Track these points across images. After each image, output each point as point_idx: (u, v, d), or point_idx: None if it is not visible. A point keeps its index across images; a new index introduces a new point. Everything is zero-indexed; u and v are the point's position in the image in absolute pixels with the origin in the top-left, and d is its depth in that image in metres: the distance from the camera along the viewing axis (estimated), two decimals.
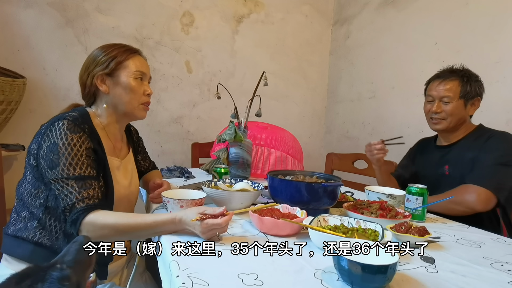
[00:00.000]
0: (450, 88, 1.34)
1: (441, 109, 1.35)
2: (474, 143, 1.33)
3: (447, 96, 1.34)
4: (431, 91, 1.40)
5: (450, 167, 1.36)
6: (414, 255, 0.81)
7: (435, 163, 1.42)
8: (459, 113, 1.34)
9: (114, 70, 1.00)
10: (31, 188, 0.94)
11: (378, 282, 0.61)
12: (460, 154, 1.34)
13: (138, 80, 1.03)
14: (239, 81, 2.60)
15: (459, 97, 1.33)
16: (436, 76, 1.41)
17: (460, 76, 1.34)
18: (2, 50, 1.97)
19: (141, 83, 1.04)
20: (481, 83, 1.36)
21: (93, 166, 0.91)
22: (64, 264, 0.54)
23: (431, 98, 1.39)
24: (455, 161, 1.35)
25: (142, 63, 1.05)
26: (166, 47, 2.39)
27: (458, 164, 1.33)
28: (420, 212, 1.11)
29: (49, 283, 0.49)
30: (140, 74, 1.03)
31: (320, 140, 3.01)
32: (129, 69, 1.01)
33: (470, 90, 1.32)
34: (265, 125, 1.96)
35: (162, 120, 2.42)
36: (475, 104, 1.36)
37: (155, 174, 1.31)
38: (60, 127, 0.89)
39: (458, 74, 1.35)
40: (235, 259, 0.72)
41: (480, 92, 1.35)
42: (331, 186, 1.05)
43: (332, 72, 2.95)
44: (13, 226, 0.95)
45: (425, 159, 1.49)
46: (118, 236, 0.89)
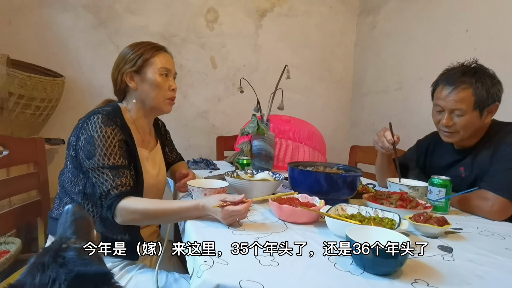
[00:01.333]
0: (463, 99, 1.13)
1: (453, 122, 1.17)
2: (488, 143, 1.19)
3: (459, 109, 1.14)
4: (439, 100, 1.19)
5: (466, 169, 1.24)
6: (432, 245, 0.81)
7: (450, 163, 1.30)
8: (473, 125, 1.16)
9: (141, 67, 1.07)
10: (71, 176, 1.03)
11: (390, 266, 0.63)
12: (476, 158, 1.22)
13: (164, 76, 1.10)
14: (263, 76, 2.63)
15: (473, 109, 1.13)
16: (444, 80, 1.19)
17: (474, 81, 1.12)
18: (43, 51, 2.13)
19: (166, 79, 1.11)
20: (498, 84, 1.15)
21: (125, 156, 0.99)
22: (71, 239, 0.53)
23: (440, 108, 1.20)
24: (471, 164, 1.22)
25: (167, 60, 1.11)
26: (192, 44, 2.46)
27: (474, 167, 1.21)
28: (443, 204, 1.10)
29: (71, 263, 0.46)
30: (165, 71, 1.10)
31: (345, 133, 2.98)
32: (155, 66, 1.08)
33: (487, 97, 1.12)
34: (288, 118, 1.98)
35: (188, 115, 2.51)
36: (492, 110, 1.16)
37: (182, 165, 1.38)
38: (95, 121, 0.97)
39: (470, 79, 1.13)
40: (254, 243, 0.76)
41: (499, 97, 1.15)
42: (350, 177, 1.07)
43: (358, 64, 2.90)
44: (56, 211, 1.06)
45: (438, 156, 1.37)
46: (148, 220, 0.96)
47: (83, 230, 0.57)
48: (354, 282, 0.61)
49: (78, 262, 0.46)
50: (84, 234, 0.57)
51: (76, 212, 0.60)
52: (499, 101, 1.16)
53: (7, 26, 2.06)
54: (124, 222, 0.94)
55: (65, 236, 0.54)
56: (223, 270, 0.63)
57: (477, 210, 1.10)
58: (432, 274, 0.65)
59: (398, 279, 0.63)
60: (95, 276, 0.45)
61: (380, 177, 1.47)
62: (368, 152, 2.11)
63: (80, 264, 0.45)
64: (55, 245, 0.49)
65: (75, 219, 0.58)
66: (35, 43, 2.12)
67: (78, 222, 0.58)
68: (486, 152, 1.18)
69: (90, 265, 0.46)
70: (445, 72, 1.24)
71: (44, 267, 0.44)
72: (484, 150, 1.20)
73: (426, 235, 0.87)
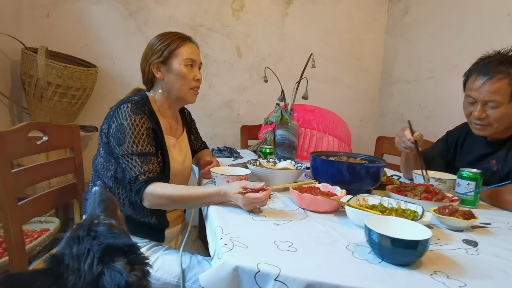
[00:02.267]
0: (498, 90, 1.06)
1: (486, 115, 1.11)
2: None
3: (494, 100, 1.08)
4: (471, 91, 1.13)
5: (498, 163, 1.17)
6: (457, 238, 0.79)
7: (480, 156, 1.24)
8: (509, 118, 1.10)
9: (167, 58, 1.11)
10: (103, 161, 1.10)
11: (409, 256, 0.62)
12: (510, 150, 1.15)
13: (188, 66, 1.12)
14: (288, 65, 2.61)
15: (509, 100, 1.07)
16: (478, 70, 1.13)
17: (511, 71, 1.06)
18: (77, 43, 2.23)
19: (191, 69, 1.13)
20: None
21: (152, 143, 1.04)
22: (100, 216, 0.58)
23: (472, 100, 1.15)
24: (505, 157, 1.16)
25: (192, 50, 1.14)
26: (218, 33, 2.48)
27: (508, 161, 1.14)
28: (472, 198, 1.06)
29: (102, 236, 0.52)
30: (190, 61, 1.12)
31: (372, 123, 2.91)
32: (180, 57, 1.11)
33: None
34: (313, 108, 1.96)
35: (214, 104, 2.55)
36: None
37: (206, 153, 1.42)
38: (125, 110, 1.02)
39: (507, 69, 1.06)
40: (273, 229, 0.78)
41: None
42: (374, 168, 1.05)
43: (388, 52, 2.80)
44: None
45: (469, 148, 1.30)
46: (173, 205, 1.01)
47: (110, 209, 0.63)
48: (371, 271, 0.61)
49: (108, 235, 0.51)
50: (111, 212, 0.62)
51: (102, 193, 0.65)
52: None
53: (45, 19, 2.18)
54: (151, 206, 0.99)
55: (95, 214, 0.60)
56: (242, 253, 0.65)
57: (509, 205, 1.06)
58: (453, 266, 0.64)
59: (417, 270, 0.62)
60: (123, 246, 0.50)
61: (405, 172, 1.43)
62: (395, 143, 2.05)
63: (110, 237, 0.50)
64: (87, 221, 0.55)
65: (102, 199, 0.63)
66: (71, 35, 2.22)
67: (105, 202, 0.63)
68: None
69: (118, 238, 0.51)
70: (479, 60, 1.17)
71: (80, 240, 0.50)
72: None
73: (451, 229, 0.85)
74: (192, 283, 0.94)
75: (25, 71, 1.89)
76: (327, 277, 0.57)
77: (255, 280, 0.59)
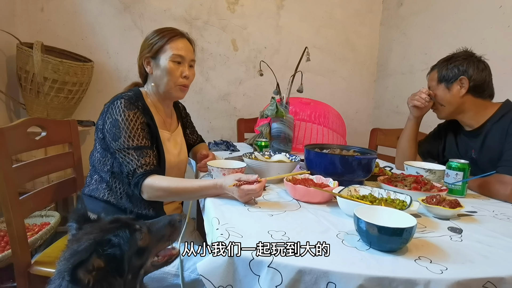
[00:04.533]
0: (432, 77, 1.39)
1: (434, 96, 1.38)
2: (498, 124, 1.21)
3: (431, 85, 1.38)
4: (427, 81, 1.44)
5: (475, 152, 1.29)
6: (442, 226, 0.83)
7: (461, 146, 1.36)
8: (447, 98, 1.31)
9: (157, 53, 1.12)
10: (100, 156, 1.12)
11: (394, 243, 0.66)
12: (485, 139, 1.24)
13: (176, 63, 1.13)
14: (284, 57, 2.62)
15: (437, 82, 1.34)
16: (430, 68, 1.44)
17: (440, 63, 1.35)
18: (73, 37, 2.23)
19: (178, 66, 1.13)
20: (464, 61, 1.28)
21: (147, 137, 1.06)
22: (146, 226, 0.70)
23: None
24: (480, 146, 1.26)
25: (182, 47, 1.14)
26: (214, 27, 2.48)
27: (484, 149, 1.25)
28: (460, 187, 1.09)
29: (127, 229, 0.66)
30: (178, 58, 1.12)
31: (368, 115, 2.94)
32: (168, 53, 1.11)
33: (446, 73, 1.31)
34: (308, 100, 1.98)
35: (210, 97, 2.56)
36: (463, 83, 1.27)
37: (202, 146, 1.44)
38: (118, 106, 1.04)
39: (441, 63, 1.35)
40: (268, 219, 0.82)
41: (463, 70, 1.27)
42: (365, 159, 1.08)
43: (383, 44, 2.81)
44: (88, 187, 1.16)
45: (453, 139, 1.42)
46: (171, 197, 1.04)
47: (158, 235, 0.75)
48: (359, 257, 0.65)
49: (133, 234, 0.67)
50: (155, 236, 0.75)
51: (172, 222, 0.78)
52: (466, 74, 1.27)
53: (40, 13, 2.17)
54: (150, 198, 1.02)
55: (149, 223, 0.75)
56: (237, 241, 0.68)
57: (496, 194, 1.10)
58: (437, 252, 0.68)
59: (403, 255, 0.66)
60: (125, 218, 0.71)
61: (402, 154, 1.49)
62: (389, 135, 2.08)
63: None
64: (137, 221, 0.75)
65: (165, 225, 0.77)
66: (66, 29, 2.22)
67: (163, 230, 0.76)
68: (496, 132, 1.21)
69: None
70: None
71: None
72: (493, 131, 1.23)
73: (438, 217, 0.89)
74: (190, 272, 0.97)
75: (21, 66, 1.89)
76: (317, 263, 0.61)
77: (250, 267, 0.62)
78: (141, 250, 0.66)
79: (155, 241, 0.70)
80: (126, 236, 0.66)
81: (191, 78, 1.17)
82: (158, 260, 0.73)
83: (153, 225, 0.71)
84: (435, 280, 0.57)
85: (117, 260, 0.62)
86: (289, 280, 0.60)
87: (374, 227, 0.65)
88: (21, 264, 1.09)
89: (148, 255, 0.69)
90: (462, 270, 0.61)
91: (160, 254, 0.74)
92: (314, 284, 0.59)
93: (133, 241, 0.65)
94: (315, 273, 0.59)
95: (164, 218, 0.74)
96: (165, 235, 0.73)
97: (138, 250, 0.66)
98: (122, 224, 0.67)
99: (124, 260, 0.62)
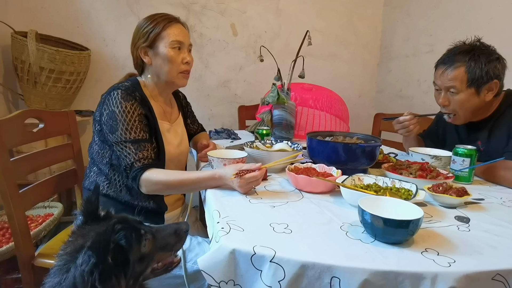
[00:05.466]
0: (455, 77, 1.14)
1: (449, 102, 1.19)
2: (505, 114, 1.17)
3: (453, 86, 1.16)
4: (436, 79, 1.22)
5: (482, 143, 1.22)
6: (449, 215, 0.81)
7: (466, 138, 1.28)
8: (471, 104, 1.16)
9: (154, 42, 1.08)
10: (98, 149, 1.10)
11: (400, 235, 0.64)
12: (492, 130, 1.19)
13: (176, 49, 1.09)
14: (285, 42, 2.56)
15: (466, 87, 1.14)
16: (440, 60, 1.21)
17: (467, 59, 1.13)
18: (68, 25, 2.18)
19: (178, 52, 1.10)
20: (497, 61, 1.12)
21: (145, 130, 1.03)
22: (151, 233, 0.67)
23: (437, 87, 1.23)
24: (488, 138, 1.20)
25: (180, 32, 1.10)
26: (212, 11, 2.41)
27: (491, 140, 1.19)
28: (466, 174, 1.07)
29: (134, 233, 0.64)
30: (177, 44, 1.09)
31: (370, 100, 2.89)
32: (166, 40, 1.07)
33: (481, 75, 1.11)
34: (310, 86, 1.94)
35: (210, 84, 2.52)
36: (492, 88, 1.14)
37: (203, 136, 1.42)
38: (115, 97, 1.01)
39: (464, 57, 1.14)
40: (269, 211, 0.80)
41: (496, 74, 1.12)
42: (369, 147, 1.06)
43: (386, 26, 2.73)
44: (87, 180, 1.15)
45: (455, 129, 1.34)
46: (169, 190, 1.02)
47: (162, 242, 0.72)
48: (363, 250, 0.63)
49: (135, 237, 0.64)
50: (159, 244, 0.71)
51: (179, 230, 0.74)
52: (498, 78, 1.14)
53: (33, 0, 2.11)
54: (148, 192, 1.00)
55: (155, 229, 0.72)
56: (238, 236, 0.67)
57: (502, 180, 1.07)
58: (444, 243, 0.66)
59: (409, 248, 0.64)
60: (133, 220, 0.69)
61: None
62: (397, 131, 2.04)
63: None
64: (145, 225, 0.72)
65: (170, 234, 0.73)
66: (60, 17, 2.16)
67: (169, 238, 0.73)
68: (503, 123, 1.16)
69: None
70: (446, 52, 1.23)
71: None
72: (500, 122, 1.18)
73: (444, 206, 0.87)
74: (193, 264, 0.97)
75: (17, 56, 1.86)
76: (320, 258, 0.59)
77: (251, 262, 0.61)
78: (142, 256, 0.64)
79: (158, 249, 0.68)
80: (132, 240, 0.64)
81: (191, 63, 1.14)
82: (158, 267, 0.71)
83: (158, 232, 0.69)
84: (443, 273, 0.56)
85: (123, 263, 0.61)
86: (292, 275, 0.58)
87: (379, 219, 0.63)
88: (25, 256, 1.09)
89: (149, 262, 0.67)
90: (470, 262, 0.59)
91: (160, 261, 0.72)
92: (317, 279, 0.58)
93: (137, 247, 0.63)
94: (319, 268, 0.58)
95: (170, 226, 0.72)
96: (169, 244, 0.71)
97: (140, 256, 0.64)
98: (130, 226, 0.64)
99: (129, 263, 0.61)
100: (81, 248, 0.60)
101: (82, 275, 0.55)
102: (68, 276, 0.58)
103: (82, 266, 0.55)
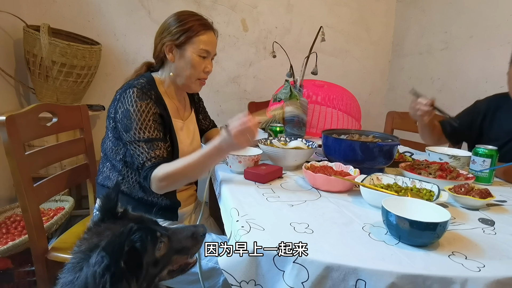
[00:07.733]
0: None
1: None
2: None
3: None
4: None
5: None
6: (473, 217, 0.79)
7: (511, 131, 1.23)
8: None
9: (183, 44, 1.06)
10: (112, 145, 1.09)
11: (426, 238, 0.62)
12: None
13: (201, 57, 1.08)
14: (296, 37, 2.53)
15: None
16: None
17: None
18: (79, 19, 2.17)
19: (203, 60, 1.09)
20: None
21: (159, 129, 1.02)
22: (167, 236, 0.65)
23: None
24: None
25: (210, 41, 1.08)
26: (222, 6, 2.39)
27: None
28: (487, 175, 1.05)
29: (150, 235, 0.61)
30: (205, 53, 1.08)
31: (381, 97, 2.85)
32: (196, 46, 1.06)
33: None
34: (322, 83, 1.92)
35: (220, 80, 2.50)
36: None
37: (215, 132, 1.41)
38: (130, 95, 1.00)
39: None
40: (288, 210, 0.79)
41: None
42: (387, 146, 1.04)
43: (399, 22, 2.69)
44: (101, 176, 1.14)
45: (498, 119, 1.30)
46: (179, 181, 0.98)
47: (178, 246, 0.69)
48: (388, 252, 0.61)
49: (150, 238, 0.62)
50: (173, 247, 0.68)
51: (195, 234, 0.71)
52: None
53: None
54: (159, 190, 0.98)
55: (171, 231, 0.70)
56: (260, 235, 0.66)
57: None
58: (471, 247, 0.64)
59: (435, 251, 0.62)
60: (149, 221, 0.68)
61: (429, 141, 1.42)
62: (406, 118, 2.01)
63: None
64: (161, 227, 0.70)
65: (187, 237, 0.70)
66: (72, 11, 2.16)
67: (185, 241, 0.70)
68: None
69: None
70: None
71: None
72: None
73: (467, 207, 0.85)
74: (208, 261, 0.96)
75: (29, 50, 1.85)
76: (345, 259, 0.58)
77: (274, 263, 0.60)
78: (157, 260, 0.63)
79: (173, 253, 0.66)
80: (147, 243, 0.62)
81: (210, 72, 1.13)
82: (173, 268, 0.69)
83: (175, 234, 0.67)
84: (473, 278, 0.54)
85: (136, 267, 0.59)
86: (316, 277, 0.57)
87: (405, 221, 0.61)
88: (39, 250, 1.10)
89: (165, 265, 0.65)
90: (500, 267, 0.58)
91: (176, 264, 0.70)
92: (342, 281, 0.56)
93: (151, 250, 0.61)
94: (344, 270, 0.56)
95: (187, 228, 0.70)
96: (186, 247, 0.68)
97: (154, 260, 0.62)
98: (145, 228, 0.62)
99: (143, 267, 0.59)
100: (95, 247, 0.59)
101: (94, 276, 0.54)
102: (81, 275, 0.57)
103: (95, 266, 0.54)
